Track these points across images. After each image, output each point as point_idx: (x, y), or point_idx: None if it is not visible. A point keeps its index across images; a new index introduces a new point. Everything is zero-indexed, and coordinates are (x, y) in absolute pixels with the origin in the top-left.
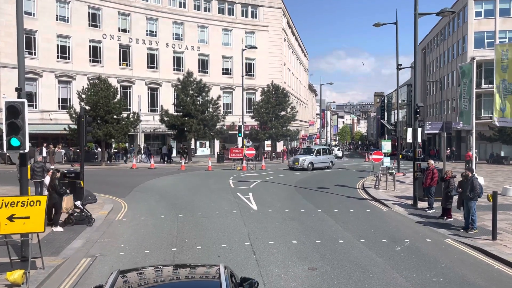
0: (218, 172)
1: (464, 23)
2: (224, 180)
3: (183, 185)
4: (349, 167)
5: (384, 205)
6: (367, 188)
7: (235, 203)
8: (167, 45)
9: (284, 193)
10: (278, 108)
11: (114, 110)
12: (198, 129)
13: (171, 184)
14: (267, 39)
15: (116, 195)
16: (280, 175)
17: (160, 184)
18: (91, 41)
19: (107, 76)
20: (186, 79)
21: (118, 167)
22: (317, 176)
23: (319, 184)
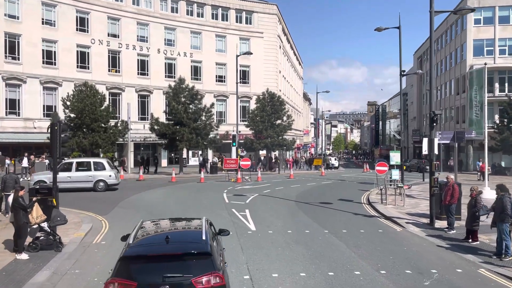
0: (211, 184)
1: (462, 30)
2: (218, 194)
3: (173, 200)
4: (348, 178)
5: (397, 224)
6: (374, 204)
7: (230, 221)
8: (159, 51)
9: (284, 209)
10: (273, 117)
11: (101, 118)
12: (190, 138)
13: (160, 199)
14: (262, 46)
15: (97, 211)
16: (278, 188)
17: (148, 199)
18: (78, 46)
19: (95, 82)
20: (178, 86)
21: None
22: (318, 189)
23: (321, 198)
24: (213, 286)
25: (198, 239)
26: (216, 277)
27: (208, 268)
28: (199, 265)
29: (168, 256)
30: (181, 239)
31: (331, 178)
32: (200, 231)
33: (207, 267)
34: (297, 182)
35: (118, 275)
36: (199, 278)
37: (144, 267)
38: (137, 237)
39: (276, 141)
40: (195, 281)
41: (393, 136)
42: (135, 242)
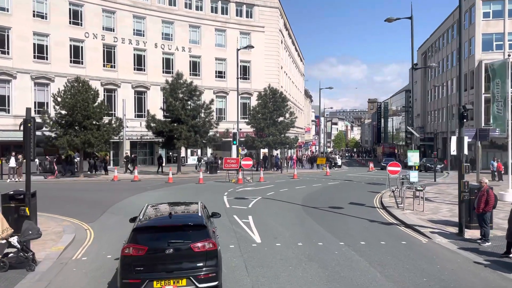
0: (210, 185)
1: (471, 24)
2: (217, 197)
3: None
4: (354, 178)
5: (421, 233)
6: (389, 208)
7: (232, 231)
8: (156, 46)
9: (291, 216)
10: (276, 114)
11: (94, 115)
12: (189, 136)
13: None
14: (263, 40)
15: (83, 218)
16: (282, 190)
17: (140, 203)
18: (72, 40)
19: (89, 78)
20: (175, 81)
21: (97, 180)
22: (326, 191)
23: (329, 201)
24: (207, 250)
25: (195, 216)
26: (209, 243)
27: (203, 237)
28: (196, 234)
29: (171, 227)
30: (182, 215)
31: (337, 178)
32: (196, 210)
33: (202, 236)
34: (302, 183)
35: (132, 242)
36: (196, 243)
37: (152, 235)
38: (146, 214)
39: (278, 139)
40: (193, 245)
41: (409, 133)
42: (145, 217)
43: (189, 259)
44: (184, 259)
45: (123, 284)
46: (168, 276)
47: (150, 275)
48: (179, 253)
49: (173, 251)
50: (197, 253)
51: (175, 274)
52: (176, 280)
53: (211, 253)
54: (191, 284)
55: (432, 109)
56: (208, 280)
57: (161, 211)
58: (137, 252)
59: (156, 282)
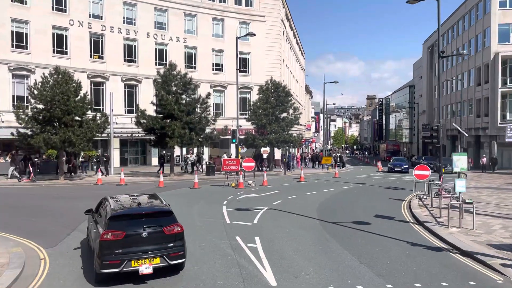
0: (207, 190)
1: (485, 14)
2: (215, 208)
3: None
4: (367, 180)
5: (488, 267)
6: (428, 225)
7: (235, 264)
8: (148, 35)
9: (310, 237)
10: (278, 109)
11: (76, 110)
12: (183, 134)
13: None
14: (263, 30)
15: (44, 239)
16: (290, 197)
17: None
18: (55, 28)
19: (75, 70)
20: (168, 73)
21: (79, 183)
22: (342, 198)
23: (350, 214)
24: (176, 232)
25: (161, 204)
26: (178, 226)
27: (172, 221)
28: (166, 220)
29: (146, 214)
30: (149, 205)
31: (348, 181)
32: (160, 199)
33: (171, 221)
34: (311, 187)
35: (110, 228)
36: (166, 227)
37: (128, 222)
38: (116, 205)
39: (281, 137)
40: (165, 229)
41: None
42: (116, 207)
43: (162, 240)
44: (157, 241)
45: (103, 265)
46: (144, 256)
47: (128, 256)
48: (153, 235)
49: (148, 235)
50: (168, 235)
51: (150, 254)
52: (151, 259)
53: (179, 235)
54: (164, 262)
55: (437, 105)
56: (178, 258)
57: (127, 201)
58: (115, 237)
59: (133, 262)
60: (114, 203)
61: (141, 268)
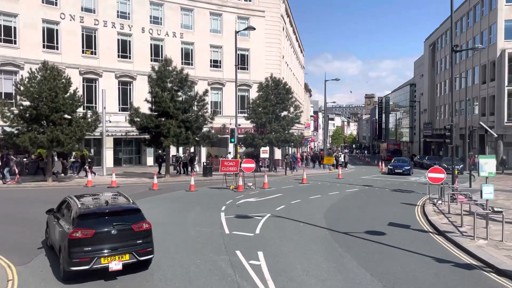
0: (203, 194)
1: (491, 10)
2: (212, 214)
3: None
4: (372, 182)
5: None
6: (450, 235)
7: (235, 285)
8: (143, 30)
9: (320, 251)
10: (279, 107)
11: (64, 107)
12: (178, 133)
13: None
14: (263, 26)
15: (18, 254)
16: (294, 201)
17: None
18: (45, 22)
19: (66, 66)
20: (163, 68)
21: (67, 185)
22: (349, 203)
23: (362, 222)
24: (144, 229)
25: (128, 202)
26: (146, 224)
27: (140, 219)
28: (134, 217)
29: (114, 212)
30: (117, 203)
31: (353, 183)
32: (126, 198)
33: (139, 218)
34: (314, 189)
35: (78, 227)
36: (135, 224)
37: (97, 220)
38: (82, 204)
39: (282, 137)
40: (134, 226)
41: (483, 131)
42: (84, 206)
43: (131, 237)
44: (127, 238)
45: (73, 263)
46: (113, 253)
47: (98, 253)
48: (123, 233)
49: (117, 232)
50: (137, 232)
51: (119, 250)
52: (120, 256)
53: (148, 231)
54: (133, 258)
55: (439, 104)
56: (147, 254)
57: (93, 200)
58: (85, 235)
59: (103, 259)
60: (80, 202)
61: (110, 264)
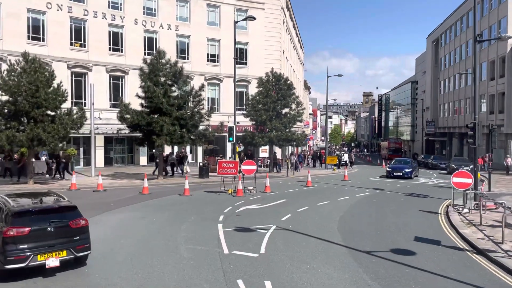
0: (199, 199)
1: (501, 4)
2: (208, 227)
3: (127, 245)
4: (382, 185)
5: None
6: (494, 255)
7: None
8: (136, 22)
9: (342, 279)
10: (280, 104)
11: (47, 103)
12: (172, 131)
13: (104, 241)
14: (263, 19)
15: None
16: (301, 209)
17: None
18: (30, 12)
19: (53, 59)
20: (156, 61)
21: (49, 188)
22: (363, 211)
23: (382, 236)
24: (81, 226)
25: (64, 200)
26: (83, 220)
27: (77, 216)
28: (71, 214)
29: (51, 210)
30: (52, 201)
31: (361, 186)
32: (60, 196)
33: (76, 215)
34: (321, 194)
35: (13, 225)
36: (72, 221)
37: (33, 218)
38: (17, 202)
39: (283, 135)
40: (71, 223)
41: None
42: (18, 204)
43: (68, 234)
44: (64, 235)
45: (8, 261)
46: (50, 250)
47: (34, 251)
48: (59, 230)
49: (54, 229)
50: (74, 229)
51: (56, 247)
52: (57, 252)
53: (85, 228)
54: (71, 254)
55: (443, 101)
56: (84, 250)
57: (26, 199)
58: (20, 232)
59: (40, 256)
60: (13, 200)
61: (47, 261)
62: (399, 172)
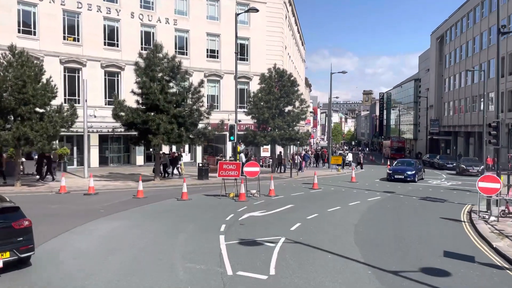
0: (198, 204)
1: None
2: (208, 239)
3: (115, 263)
4: (392, 187)
5: None
6: None
7: None
8: (132, 16)
9: None
10: (283, 101)
11: (35, 99)
12: (170, 130)
13: (87, 257)
14: (264, 13)
15: None
16: (310, 216)
17: (63, 258)
18: (20, 4)
19: (45, 53)
20: (152, 55)
21: (37, 191)
22: (379, 218)
23: (405, 249)
24: (25, 226)
25: (8, 200)
26: (26, 221)
27: (21, 216)
28: (15, 215)
29: None
30: None
31: (370, 188)
32: (3, 198)
33: (20, 216)
34: (330, 198)
35: None
36: (15, 222)
37: None
38: None
39: (286, 134)
40: (14, 224)
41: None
42: None
43: (11, 235)
44: (7, 236)
45: None
46: None
47: None
48: (2, 231)
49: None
50: (17, 230)
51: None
52: (0, 254)
53: (28, 229)
54: (14, 255)
55: (451, 99)
56: (28, 251)
57: None
58: None
59: None
60: None
61: None
62: (401, 175)
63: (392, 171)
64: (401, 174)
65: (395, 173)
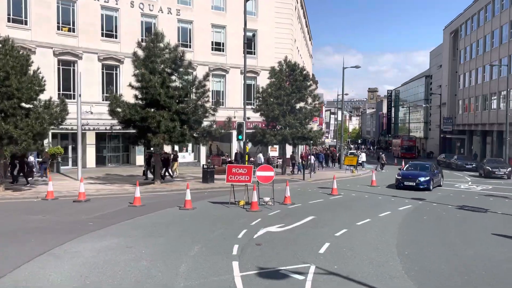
0: (203, 215)
1: None
2: (218, 266)
3: None
4: (419, 193)
5: None
6: None
7: None
8: (132, 5)
9: None
10: (294, 97)
11: (20, 93)
12: (171, 128)
13: None
14: (272, 4)
15: None
16: (338, 233)
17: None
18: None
19: (37, 44)
20: (153, 45)
21: (21, 197)
22: (421, 236)
23: (470, 281)
24: None
25: None
26: None
27: None
28: None
29: None
30: None
31: (397, 195)
32: None
33: None
34: (354, 207)
35: None
36: None
37: None
38: None
39: (299, 133)
40: None
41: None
42: None
43: None
44: None
45: None
46: None
47: None
48: None
49: None
50: None
51: None
52: None
53: None
54: None
55: (467, 96)
56: None
57: None
58: None
59: None
60: None
61: None
62: (412, 182)
63: (401, 176)
64: (413, 181)
65: (405, 179)
